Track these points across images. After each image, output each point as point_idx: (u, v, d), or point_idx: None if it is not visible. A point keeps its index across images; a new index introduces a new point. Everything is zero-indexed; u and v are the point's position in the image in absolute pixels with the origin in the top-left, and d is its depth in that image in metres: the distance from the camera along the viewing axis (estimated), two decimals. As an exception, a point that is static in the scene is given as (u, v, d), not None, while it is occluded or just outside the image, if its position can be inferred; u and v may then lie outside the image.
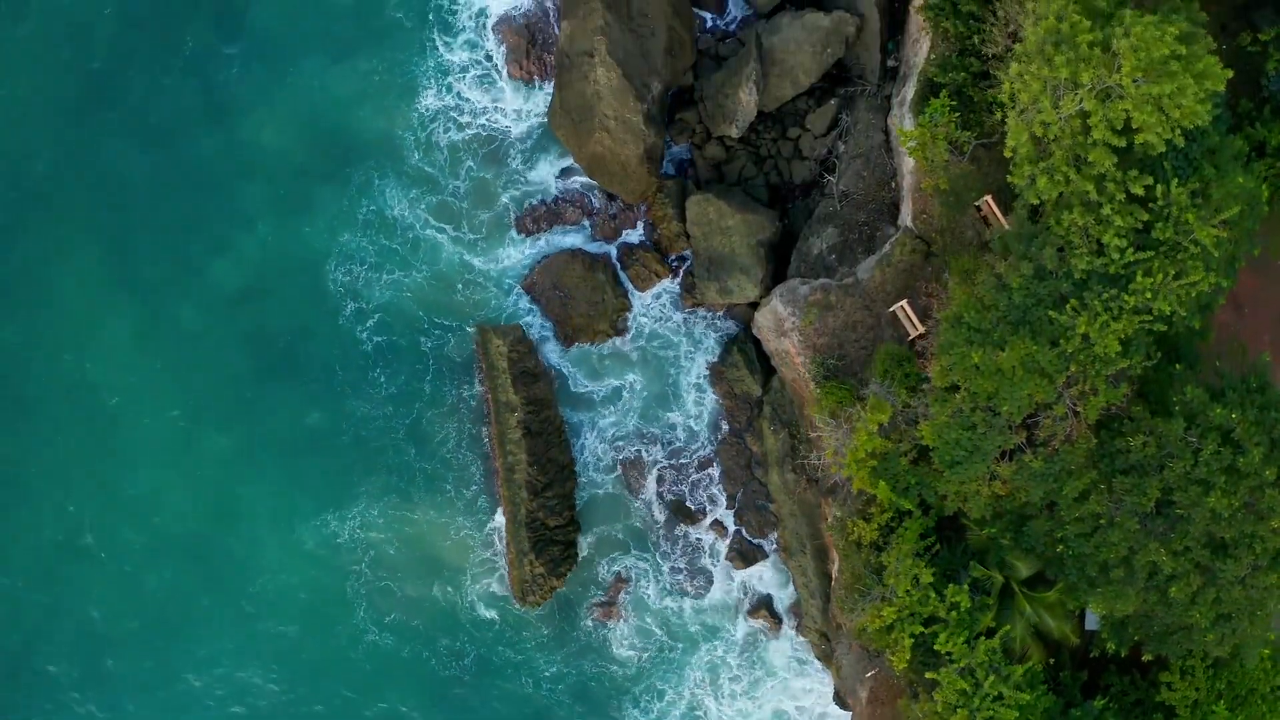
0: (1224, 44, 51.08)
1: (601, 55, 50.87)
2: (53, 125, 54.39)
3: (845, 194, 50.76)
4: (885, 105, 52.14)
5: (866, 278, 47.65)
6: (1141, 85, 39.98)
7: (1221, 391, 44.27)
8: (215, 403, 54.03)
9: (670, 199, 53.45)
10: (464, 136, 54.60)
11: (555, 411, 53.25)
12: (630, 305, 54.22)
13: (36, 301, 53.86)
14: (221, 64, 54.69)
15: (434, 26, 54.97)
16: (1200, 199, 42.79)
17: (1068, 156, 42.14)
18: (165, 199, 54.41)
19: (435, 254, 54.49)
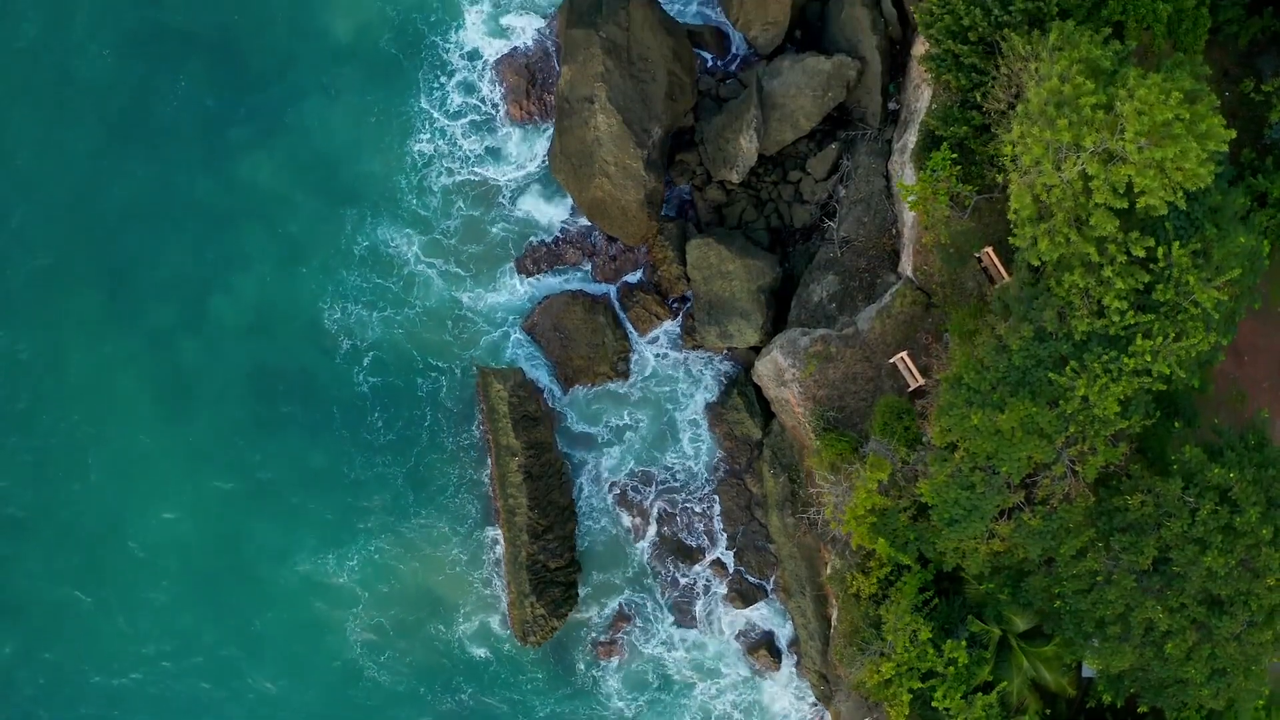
0: (1226, 90, 51.12)
1: (602, 102, 50.77)
2: (52, 167, 54.35)
3: (846, 240, 50.78)
4: (886, 149, 52.07)
5: (867, 329, 47.75)
6: (1145, 150, 39.99)
7: (1220, 450, 44.58)
8: (217, 442, 54.15)
9: (671, 241, 53.48)
10: (462, 178, 54.60)
11: (556, 454, 53.46)
12: (631, 347, 54.36)
13: (39, 342, 53.89)
14: (221, 103, 54.64)
15: (433, 68, 54.92)
16: (1202, 259, 42.89)
17: (1069, 218, 42.13)
18: (167, 238, 54.46)
19: (435, 295, 54.52)
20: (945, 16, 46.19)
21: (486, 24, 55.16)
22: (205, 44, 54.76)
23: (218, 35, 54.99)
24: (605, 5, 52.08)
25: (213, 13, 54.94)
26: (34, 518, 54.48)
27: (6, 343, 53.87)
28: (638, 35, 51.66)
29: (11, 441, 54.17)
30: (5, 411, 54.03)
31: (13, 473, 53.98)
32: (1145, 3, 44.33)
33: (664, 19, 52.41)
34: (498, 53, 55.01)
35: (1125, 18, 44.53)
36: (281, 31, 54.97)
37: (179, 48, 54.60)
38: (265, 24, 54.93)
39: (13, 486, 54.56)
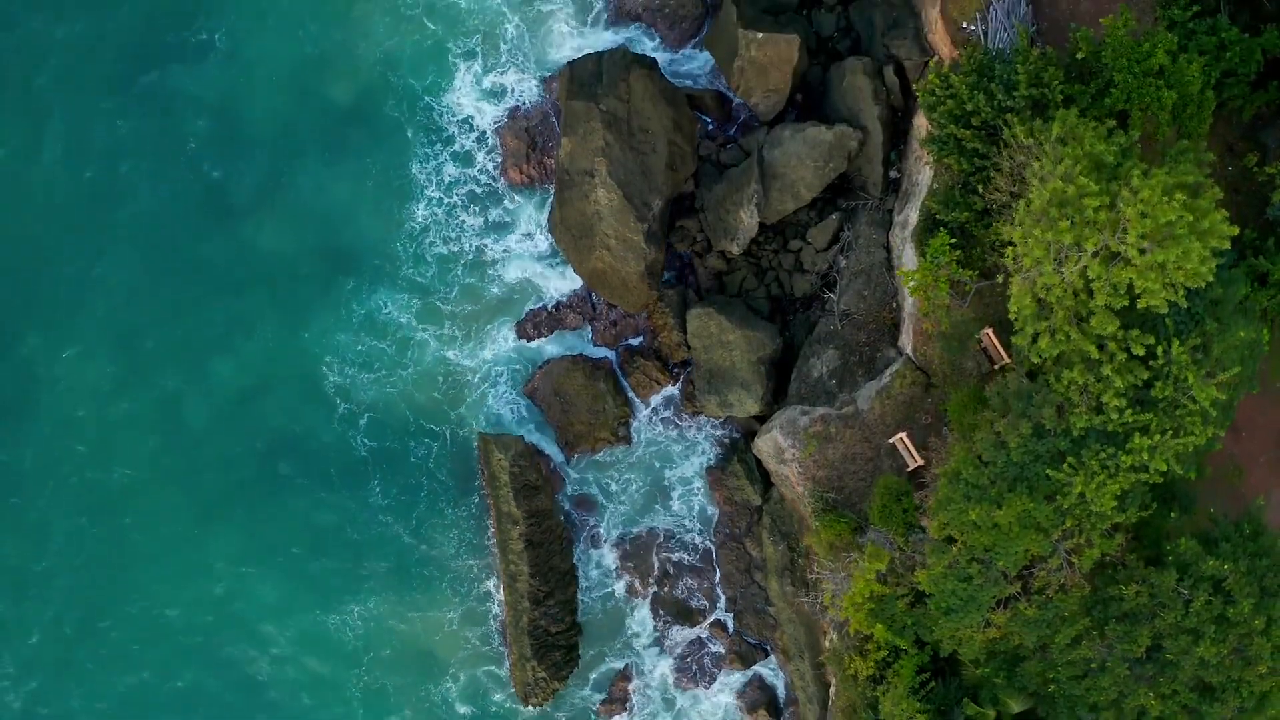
0: (1230, 165, 50.83)
1: (602, 176, 50.58)
2: (54, 231, 54.34)
3: (846, 313, 50.75)
4: (887, 220, 51.92)
5: (866, 408, 47.95)
6: (1147, 253, 39.97)
7: (1215, 540, 44.94)
8: (220, 502, 54.50)
9: (671, 308, 53.49)
10: (460, 244, 54.67)
11: (557, 520, 53.81)
12: (632, 413, 54.59)
13: (42, 400, 54.20)
14: (222, 165, 54.55)
15: (430, 134, 55.06)
16: (1201, 353, 42.99)
17: (1069, 315, 42.22)
18: (168, 300, 54.54)
19: (434, 359, 54.88)
20: (948, 100, 45.99)
21: (481, 87, 55.15)
22: (209, 108, 54.58)
23: (221, 100, 54.83)
24: (605, 75, 51.80)
25: (216, 78, 54.74)
26: (34, 577, 54.80)
27: (10, 403, 54.17)
28: (638, 107, 51.37)
29: (14, 502, 54.50)
30: (7, 472, 54.32)
31: (15, 533, 54.31)
32: (1150, 91, 44.08)
33: (665, 89, 52.12)
34: (495, 116, 54.89)
35: (1129, 106, 44.32)
36: (284, 98, 54.99)
37: (182, 108, 54.40)
38: (268, 91, 54.84)
39: (15, 546, 54.91)
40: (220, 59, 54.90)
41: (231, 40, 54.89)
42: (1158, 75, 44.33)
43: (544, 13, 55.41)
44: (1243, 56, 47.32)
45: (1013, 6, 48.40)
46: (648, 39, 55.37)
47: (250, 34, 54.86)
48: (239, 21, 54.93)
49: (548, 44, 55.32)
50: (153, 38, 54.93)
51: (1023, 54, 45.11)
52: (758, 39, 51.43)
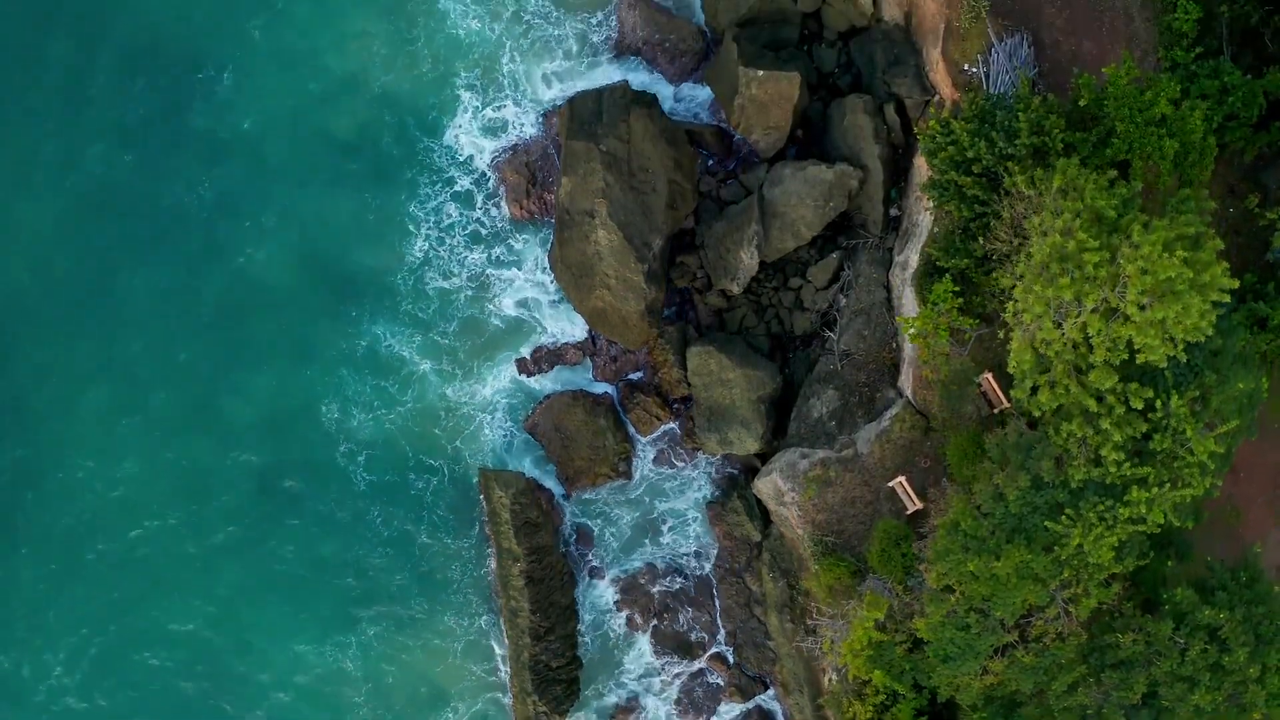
0: (1231, 207, 50.78)
1: (603, 218, 50.55)
2: (58, 262, 54.42)
3: (846, 353, 50.82)
4: (888, 259, 51.88)
5: (866, 451, 48.10)
6: (1146, 309, 40.01)
7: (1212, 589, 45.19)
8: (223, 535, 54.64)
9: (671, 345, 53.53)
10: (461, 279, 54.71)
11: (558, 556, 54.08)
12: (633, 448, 54.74)
13: (49, 434, 54.33)
14: (225, 199, 54.59)
15: (432, 169, 54.90)
16: (1200, 405, 43.10)
17: (1069, 369, 42.33)
18: (171, 335, 54.59)
19: (434, 393, 55.05)
20: (949, 146, 45.90)
21: (481, 122, 55.18)
22: (212, 142, 54.61)
23: (225, 135, 54.83)
24: (606, 113, 51.68)
25: (221, 113, 54.69)
26: (39, 607, 55.13)
27: (17, 437, 54.26)
28: (639, 147, 51.27)
29: (19, 531, 54.74)
30: (14, 505, 54.43)
31: (21, 564, 54.63)
32: (1152, 141, 43.97)
33: (665, 128, 52.02)
34: (495, 151, 54.94)
35: (1131, 155, 44.25)
36: (287, 133, 55.05)
37: (188, 143, 54.41)
38: (272, 126, 54.88)
39: (22, 575, 55.11)
40: (225, 94, 54.98)
41: (237, 76, 54.99)
42: (1159, 124, 44.24)
43: (544, 47, 55.30)
44: (1245, 101, 47.23)
45: (1014, 49, 48.26)
46: (648, 73, 55.31)
47: (255, 70, 54.98)
48: (244, 57, 55.05)
49: (548, 78, 55.22)
50: (157, 73, 55.08)
51: (1024, 101, 45.00)
52: (758, 77, 51.29)
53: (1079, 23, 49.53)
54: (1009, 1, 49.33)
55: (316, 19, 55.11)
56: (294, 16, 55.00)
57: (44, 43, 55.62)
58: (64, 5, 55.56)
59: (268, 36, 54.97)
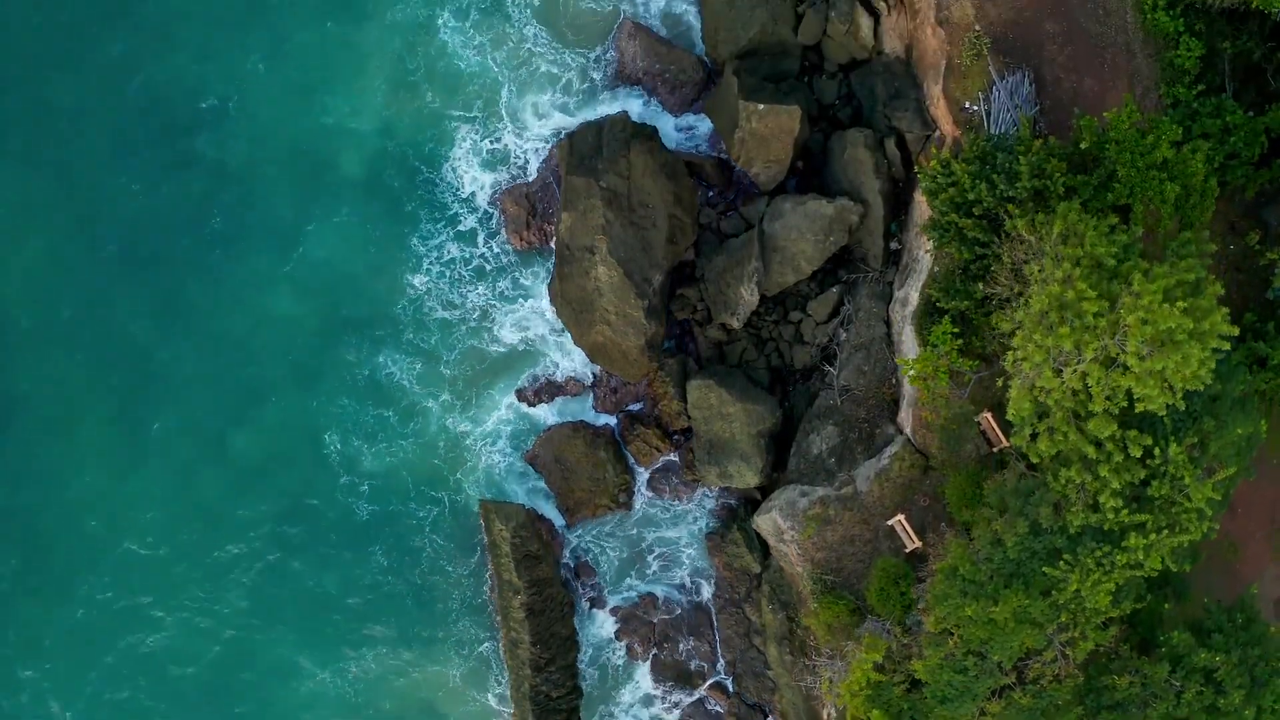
0: (1231, 244, 50.70)
1: (603, 254, 50.52)
2: (60, 296, 54.41)
3: (846, 388, 50.83)
4: (888, 293, 51.83)
5: (865, 490, 48.23)
6: (1146, 360, 40.04)
7: (1208, 631, 45.44)
8: (229, 564, 54.84)
9: (671, 377, 53.55)
10: (462, 310, 54.78)
11: (558, 587, 54.32)
12: (633, 479, 54.85)
13: (58, 468, 54.44)
14: (229, 231, 54.61)
15: (432, 202, 54.81)
16: (1198, 451, 43.21)
17: (1067, 416, 42.40)
18: (174, 368, 54.69)
19: (436, 424, 55.22)
20: (949, 188, 45.82)
21: (481, 154, 55.02)
22: (215, 175, 54.59)
23: (228, 167, 54.82)
24: (605, 148, 51.55)
25: (223, 147, 54.70)
26: (45, 635, 55.26)
27: (25, 473, 54.38)
28: (639, 182, 51.18)
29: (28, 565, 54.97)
30: (24, 542, 54.65)
31: (29, 597, 54.85)
32: (1153, 185, 43.91)
33: (665, 162, 51.90)
34: (496, 183, 54.81)
35: (1132, 199, 44.18)
36: (290, 166, 54.99)
37: (189, 179, 54.48)
38: (275, 159, 54.91)
39: (30, 610, 55.35)
40: (228, 126, 54.89)
41: (239, 108, 54.87)
42: (1161, 167, 44.19)
43: (545, 79, 55.18)
44: (1247, 140, 47.16)
45: (1015, 87, 48.10)
46: (648, 103, 55.11)
47: (258, 102, 54.85)
48: (247, 89, 54.86)
49: (548, 109, 55.08)
50: (159, 107, 54.99)
51: (1025, 143, 44.85)
52: (759, 111, 51.14)
53: (1080, 59, 49.32)
54: (1010, 38, 49.29)
55: (319, 51, 55.14)
56: (296, 49, 55.03)
57: (46, 73, 55.36)
58: (65, 35, 55.17)
59: (271, 69, 54.97)
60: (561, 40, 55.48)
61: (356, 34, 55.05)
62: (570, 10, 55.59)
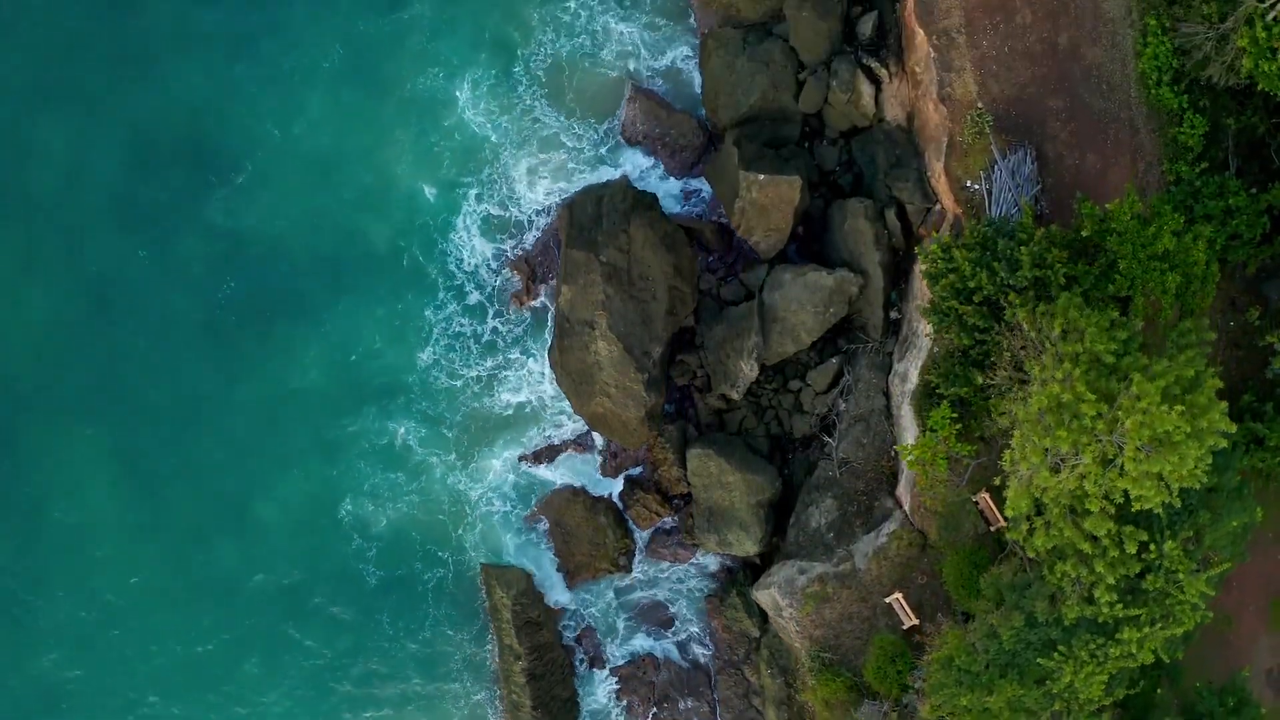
0: (1231, 321, 50.65)
1: (603, 330, 50.46)
2: (74, 364, 54.38)
3: (845, 461, 51.02)
4: (887, 363, 51.84)
5: (864, 568, 48.57)
6: (1143, 462, 40.20)
7: (1199, 715, 46.03)
8: (242, 629, 55.15)
9: (671, 444, 53.66)
10: (467, 375, 54.98)
11: (559, 651, 54.80)
12: (633, 543, 55.16)
13: (71, 539, 54.57)
14: (241, 298, 54.61)
15: (444, 275, 54.91)
16: (1193, 544, 43.51)
17: (1064, 512, 42.65)
18: (187, 433, 54.80)
19: (439, 486, 55.30)
20: (950, 274, 45.74)
21: (489, 221, 54.86)
22: (228, 242, 54.53)
23: (240, 235, 54.74)
24: (605, 219, 51.35)
25: (238, 214, 54.56)
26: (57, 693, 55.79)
27: (43, 541, 54.52)
28: (639, 255, 51.04)
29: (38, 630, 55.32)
30: (38, 610, 54.80)
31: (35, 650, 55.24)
32: (1154, 276, 43.82)
33: (665, 234, 51.73)
34: (502, 249, 54.67)
35: (1133, 291, 44.12)
36: (302, 235, 54.92)
37: (203, 246, 54.45)
38: (288, 227, 54.78)
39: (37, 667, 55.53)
40: (240, 193, 54.63)
41: (251, 175, 54.60)
42: (1162, 258, 44.13)
43: (550, 143, 54.83)
44: (1249, 223, 47.03)
45: (1017, 166, 47.86)
46: (653, 165, 54.92)
47: (271, 171, 54.72)
48: (260, 158, 54.68)
49: (553, 174, 54.76)
50: (174, 169, 54.68)
51: (1027, 232, 44.68)
52: (759, 181, 50.84)
53: (1083, 136, 49.05)
54: (1013, 115, 48.98)
55: (331, 117, 55.14)
56: (309, 115, 54.94)
57: (56, 132, 55.00)
58: (77, 94, 54.95)
59: (286, 137, 54.84)
60: (569, 107, 55.21)
61: (370, 104, 55.17)
62: (578, 77, 55.34)
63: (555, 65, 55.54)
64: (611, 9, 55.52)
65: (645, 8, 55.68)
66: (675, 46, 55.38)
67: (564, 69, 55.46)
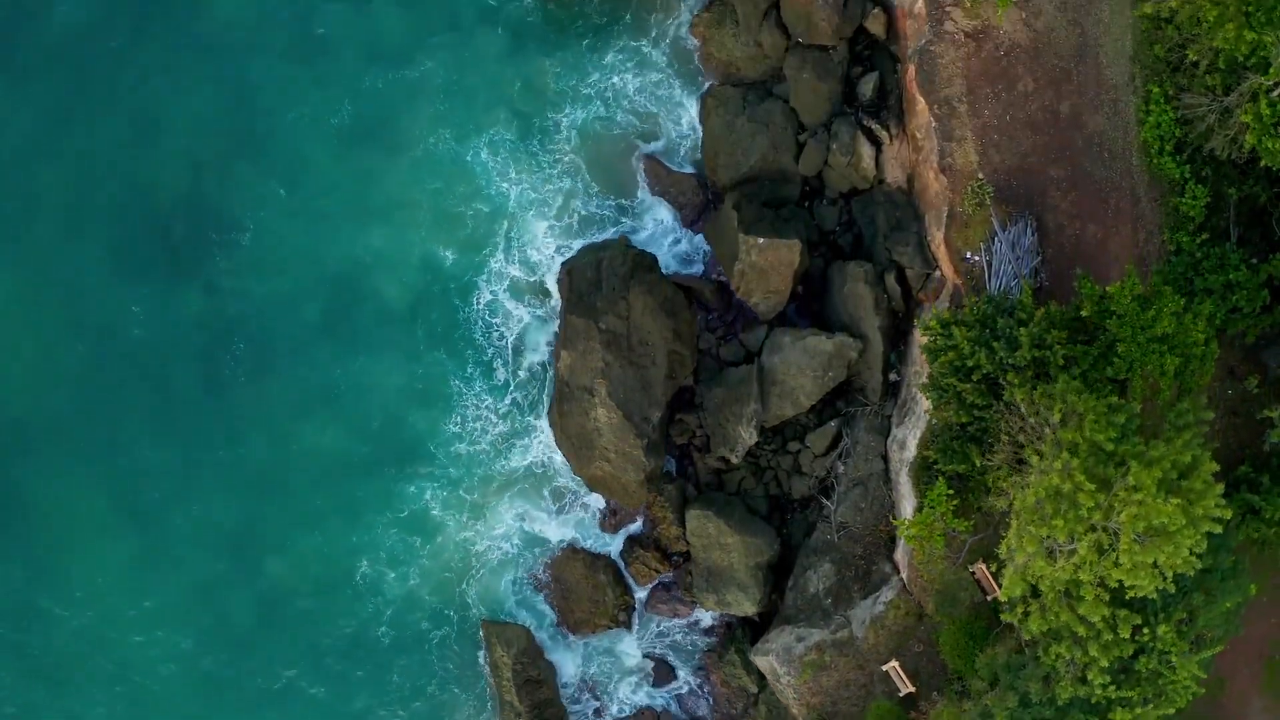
0: (1230, 389, 50.63)
1: (602, 397, 50.47)
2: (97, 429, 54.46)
3: (843, 525, 51.25)
4: (886, 426, 51.93)
5: (861, 636, 48.94)
6: (1138, 553, 40.43)
7: (1194, 780, 46.68)
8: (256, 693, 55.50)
9: (670, 503, 53.77)
10: (484, 442, 54.92)
11: (559, 707, 55.17)
12: (632, 599, 55.49)
13: (77, 597, 54.71)
14: (257, 362, 54.67)
15: (461, 335, 54.77)
16: (1187, 625, 43.86)
17: (1059, 596, 42.95)
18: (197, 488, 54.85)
19: (451, 545, 55.15)
20: (949, 351, 45.70)
21: (502, 285, 54.71)
22: (246, 303, 54.51)
23: (257, 296, 54.74)
24: (605, 283, 51.18)
25: (255, 273, 54.57)
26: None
27: (50, 602, 54.67)
28: (638, 322, 50.93)
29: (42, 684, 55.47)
30: (49, 660, 55.10)
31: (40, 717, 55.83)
32: (1153, 359, 43.71)
33: (665, 298, 51.58)
34: (519, 315, 54.63)
35: (1132, 374, 44.10)
36: (316, 298, 54.85)
37: (220, 307, 54.42)
38: (303, 290, 54.80)
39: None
40: (250, 253, 54.47)
41: (260, 234, 54.45)
42: (1161, 340, 44.08)
43: (566, 204, 54.74)
44: (1249, 297, 46.91)
45: (1017, 238, 47.71)
46: (659, 224, 55.09)
47: (277, 230, 54.53)
48: (269, 215, 54.45)
49: (569, 234, 54.78)
50: (188, 232, 54.60)
51: (1026, 310, 44.60)
52: (759, 245, 50.69)
53: (1084, 205, 48.84)
54: (1014, 184, 48.76)
55: (339, 175, 54.90)
56: (319, 174, 54.66)
57: (53, 183, 54.97)
58: (74, 147, 54.73)
59: (292, 194, 54.59)
60: (584, 168, 55.06)
61: (380, 163, 55.02)
62: (592, 137, 55.24)
63: (571, 126, 55.46)
64: (628, 69, 55.36)
65: (659, 68, 55.51)
66: (683, 107, 55.27)
67: (579, 129, 55.33)
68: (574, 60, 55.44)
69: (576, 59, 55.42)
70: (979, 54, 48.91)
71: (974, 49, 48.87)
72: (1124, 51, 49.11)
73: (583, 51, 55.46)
